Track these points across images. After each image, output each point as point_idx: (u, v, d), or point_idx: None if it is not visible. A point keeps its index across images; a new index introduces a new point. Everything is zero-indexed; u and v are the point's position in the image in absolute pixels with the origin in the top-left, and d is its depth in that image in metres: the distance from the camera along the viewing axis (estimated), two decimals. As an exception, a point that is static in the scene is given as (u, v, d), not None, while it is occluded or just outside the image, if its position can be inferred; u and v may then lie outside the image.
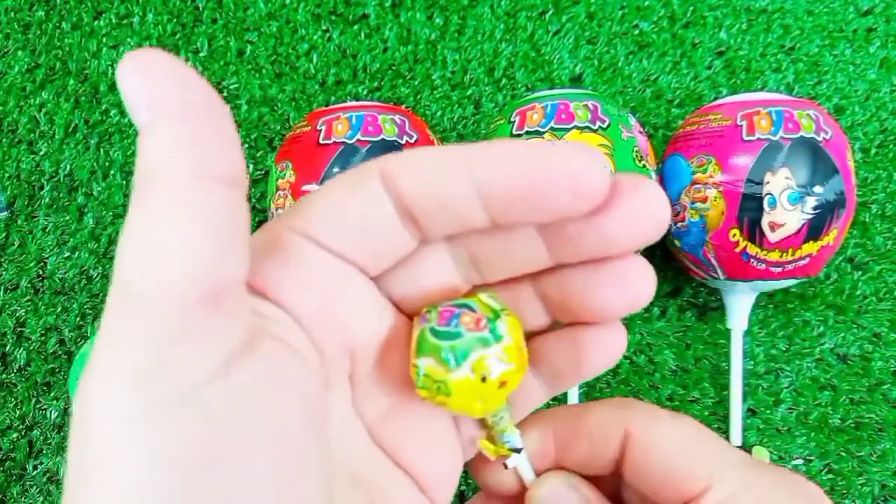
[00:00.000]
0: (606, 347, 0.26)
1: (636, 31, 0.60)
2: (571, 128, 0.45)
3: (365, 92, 0.60)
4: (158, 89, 0.18)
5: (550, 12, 0.60)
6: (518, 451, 0.29)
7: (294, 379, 0.21)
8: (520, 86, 0.59)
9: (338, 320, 0.24)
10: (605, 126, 0.45)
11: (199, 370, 0.18)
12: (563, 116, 0.45)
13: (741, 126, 0.45)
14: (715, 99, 0.52)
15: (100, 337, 0.18)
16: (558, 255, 0.24)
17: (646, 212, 0.22)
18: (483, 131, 0.58)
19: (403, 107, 0.56)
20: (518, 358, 0.25)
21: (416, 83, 0.60)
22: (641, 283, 0.24)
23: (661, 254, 0.55)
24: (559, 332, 0.27)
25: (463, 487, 0.53)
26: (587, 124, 0.45)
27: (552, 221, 0.23)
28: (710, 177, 0.46)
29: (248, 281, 0.22)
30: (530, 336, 0.27)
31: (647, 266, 0.24)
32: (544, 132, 0.45)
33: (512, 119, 0.47)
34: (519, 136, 0.46)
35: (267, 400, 0.19)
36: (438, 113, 0.59)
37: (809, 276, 0.48)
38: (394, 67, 0.60)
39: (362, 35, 0.61)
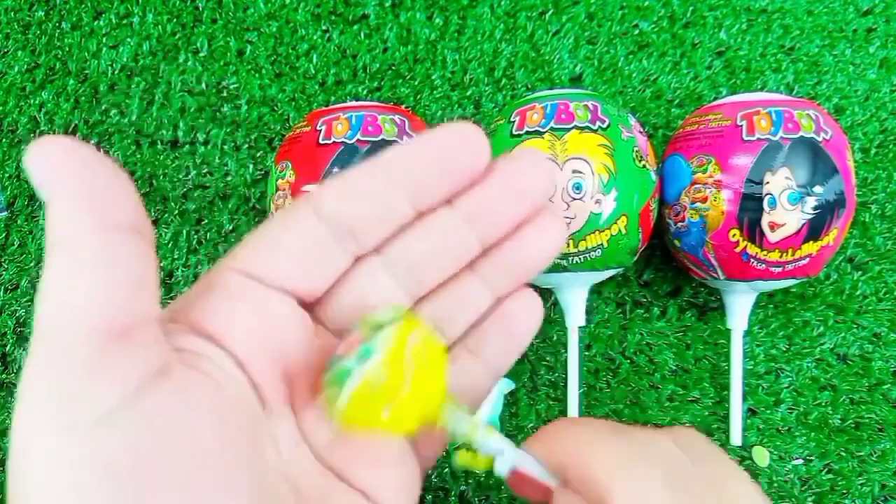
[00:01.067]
0: (527, 306, 0.32)
1: (636, 31, 0.60)
2: (571, 128, 0.45)
3: (365, 92, 0.60)
4: (54, 169, 0.21)
5: (550, 12, 0.60)
6: (500, 453, 0.28)
7: (207, 403, 0.23)
8: (520, 86, 0.59)
9: (272, 351, 0.27)
10: (605, 126, 0.45)
11: (112, 397, 0.20)
12: (563, 116, 0.45)
13: (741, 126, 0.45)
14: (715, 99, 0.52)
15: (25, 373, 0.21)
16: (482, 232, 0.30)
17: (525, 170, 0.29)
18: (483, 131, 0.58)
19: (403, 107, 0.56)
20: (394, 369, 0.25)
21: (416, 83, 0.60)
22: (555, 227, 0.30)
23: (661, 254, 0.55)
24: (488, 314, 0.32)
25: (463, 487, 0.53)
26: (587, 124, 0.45)
27: (459, 188, 0.29)
28: (710, 177, 0.46)
29: (187, 318, 0.26)
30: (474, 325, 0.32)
31: (557, 217, 0.31)
32: (544, 132, 0.45)
33: (512, 119, 0.47)
34: (519, 136, 0.46)
35: (175, 423, 0.21)
36: (438, 113, 0.59)
37: (809, 276, 0.48)
38: (394, 67, 0.60)
39: (362, 35, 0.61)
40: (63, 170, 0.21)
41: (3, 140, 0.60)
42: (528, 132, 0.46)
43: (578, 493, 0.27)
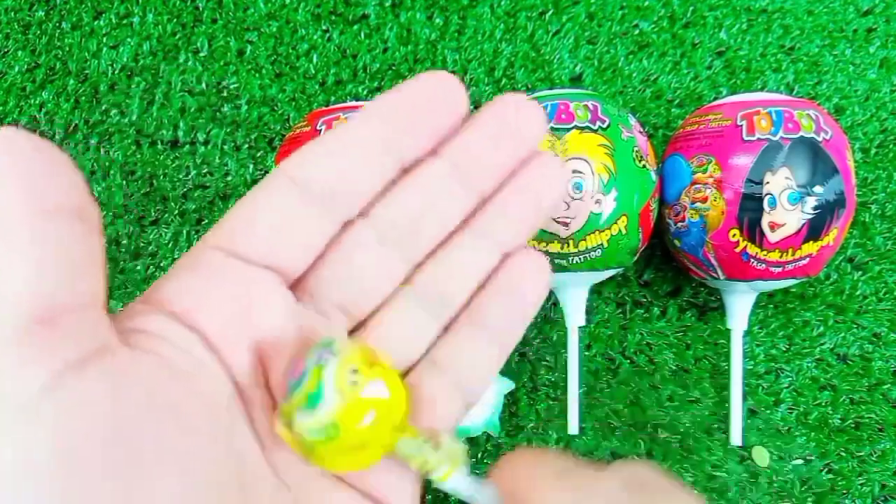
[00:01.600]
0: (533, 266, 0.30)
1: (636, 31, 0.60)
2: (571, 127, 0.45)
3: (365, 92, 0.60)
4: None
5: (550, 12, 0.60)
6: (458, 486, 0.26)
7: (152, 388, 0.22)
8: (520, 86, 0.59)
9: (248, 330, 0.25)
10: (605, 126, 0.45)
11: (33, 384, 0.19)
12: (563, 116, 0.45)
13: (741, 126, 0.45)
14: (715, 99, 0.52)
15: None
16: (475, 182, 0.28)
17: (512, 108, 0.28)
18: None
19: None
20: (345, 415, 0.24)
21: (416, 83, 0.60)
22: (553, 166, 0.29)
23: (661, 254, 0.55)
24: (489, 284, 0.29)
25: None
26: (587, 124, 0.45)
27: (441, 137, 0.28)
28: (710, 177, 0.46)
29: (157, 298, 0.25)
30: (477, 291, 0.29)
31: (553, 158, 0.29)
32: None
33: None
34: None
35: (103, 409, 0.20)
36: (438, 113, 0.59)
37: (809, 276, 0.48)
38: (394, 67, 0.60)
39: (362, 35, 0.61)
40: (1, 158, 0.20)
41: (4, 140, 0.60)
42: None
43: None
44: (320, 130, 0.46)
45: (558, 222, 0.45)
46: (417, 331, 0.29)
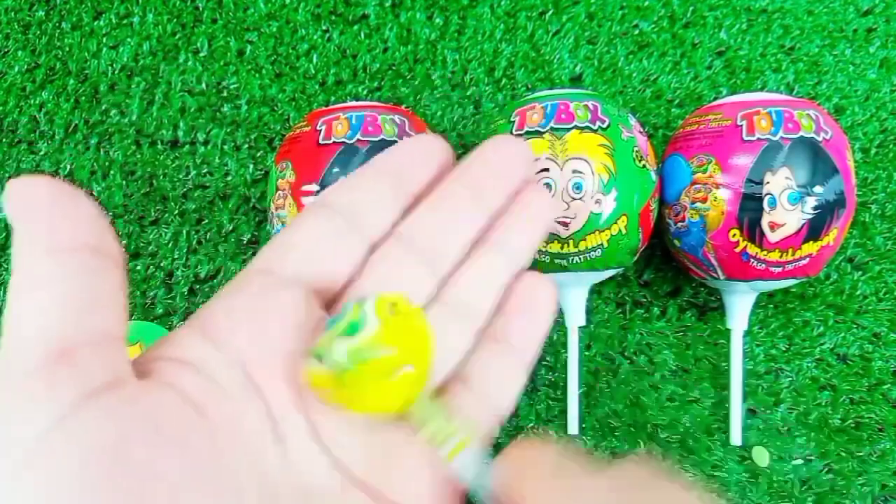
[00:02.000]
0: (540, 286, 0.33)
1: (636, 31, 0.60)
2: (571, 128, 0.45)
3: (365, 92, 0.60)
4: (20, 201, 0.22)
5: (550, 12, 0.60)
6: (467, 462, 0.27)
7: (162, 421, 0.22)
8: (520, 86, 0.59)
9: (281, 351, 0.27)
10: (604, 126, 0.45)
11: (45, 418, 0.20)
12: (563, 116, 0.45)
13: (741, 126, 0.45)
14: (715, 99, 0.52)
15: None
16: (486, 204, 0.32)
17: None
18: (483, 131, 0.58)
19: (403, 107, 0.56)
20: (383, 340, 0.25)
21: (416, 83, 0.60)
22: (542, 190, 0.35)
23: (661, 254, 0.55)
24: (508, 303, 0.33)
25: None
26: (587, 124, 0.45)
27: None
28: (710, 177, 0.46)
29: (196, 322, 0.26)
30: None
31: (540, 188, 0.35)
32: (544, 132, 0.45)
33: (512, 119, 0.47)
34: (519, 135, 0.46)
35: (110, 440, 0.21)
36: (438, 113, 0.59)
37: (809, 276, 0.48)
38: (394, 67, 0.60)
39: (362, 35, 0.61)
40: (26, 200, 0.22)
41: (3, 140, 0.60)
42: (528, 132, 0.45)
43: None
44: (320, 130, 0.46)
45: (558, 222, 0.45)
46: (450, 343, 0.31)
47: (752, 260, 0.46)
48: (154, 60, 0.61)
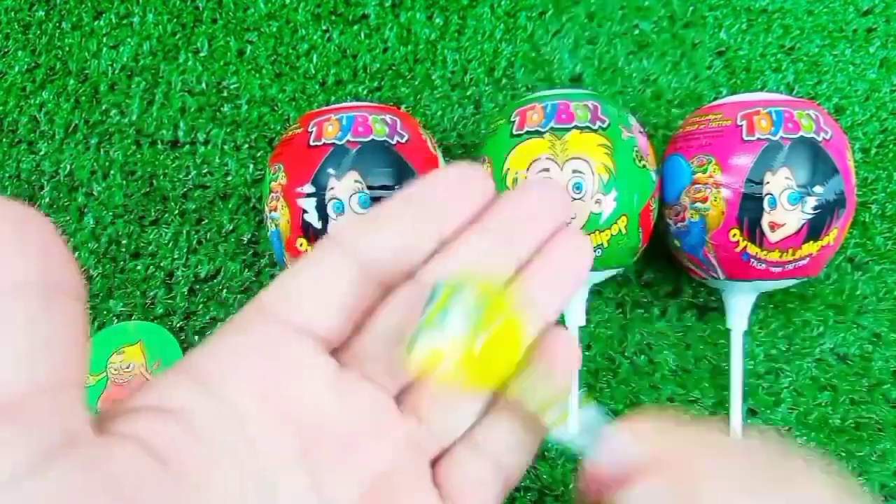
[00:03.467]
0: (563, 341, 0.30)
1: (636, 31, 0.60)
2: (571, 128, 0.45)
3: (365, 92, 0.60)
4: None
5: (550, 12, 0.60)
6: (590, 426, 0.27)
7: (120, 481, 0.20)
8: (520, 86, 0.59)
9: (281, 400, 0.25)
10: (605, 126, 0.45)
11: None
12: (563, 116, 0.45)
13: (741, 126, 0.45)
14: (715, 99, 0.52)
15: None
16: (513, 251, 0.29)
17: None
18: (483, 131, 0.58)
19: (403, 107, 0.56)
20: (481, 320, 0.25)
21: (416, 83, 0.60)
22: (578, 238, 0.31)
23: (661, 254, 0.55)
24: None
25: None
26: (587, 124, 0.45)
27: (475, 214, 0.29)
28: (710, 177, 0.46)
29: (191, 364, 0.24)
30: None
31: (578, 233, 0.32)
32: (544, 132, 0.45)
33: (512, 119, 0.47)
34: (519, 136, 0.45)
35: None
36: (438, 113, 0.59)
37: (809, 277, 0.48)
38: (394, 67, 0.60)
39: (362, 35, 0.61)
40: None
41: (3, 140, 0.60)
42: (528, 132, 0.45)
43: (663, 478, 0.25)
44: (311, 132, 0.46)
45: None
46: (466, 399, 0.29)
47: (752, 260, 0.46)
48: (154, 60, 0.61)
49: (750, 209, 0.44)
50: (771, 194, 0.44)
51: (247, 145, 0.59)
